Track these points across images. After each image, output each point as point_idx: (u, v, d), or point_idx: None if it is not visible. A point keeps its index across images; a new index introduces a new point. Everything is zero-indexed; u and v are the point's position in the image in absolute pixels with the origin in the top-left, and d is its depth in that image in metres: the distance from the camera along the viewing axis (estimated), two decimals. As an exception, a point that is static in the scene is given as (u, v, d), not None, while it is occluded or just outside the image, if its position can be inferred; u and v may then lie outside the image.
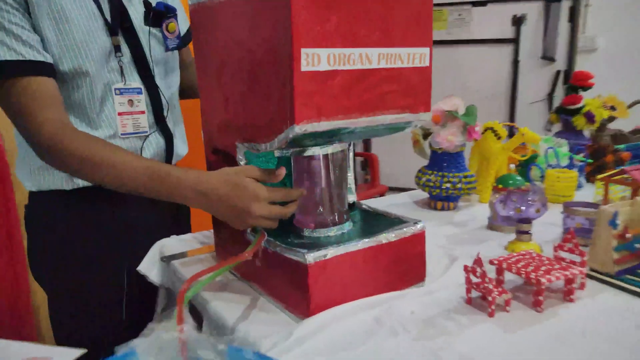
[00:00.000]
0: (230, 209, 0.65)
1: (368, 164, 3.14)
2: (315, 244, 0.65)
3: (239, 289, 0.72)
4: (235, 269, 0.76)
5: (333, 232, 0.70)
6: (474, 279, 0.65)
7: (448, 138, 1.04)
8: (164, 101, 0.93)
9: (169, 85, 0.94)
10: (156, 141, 0.91)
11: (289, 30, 0.52)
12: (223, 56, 0.68)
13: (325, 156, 0.69)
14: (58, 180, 0.83)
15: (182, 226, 1.00)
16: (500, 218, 0.95)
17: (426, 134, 1.10)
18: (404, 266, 0.69)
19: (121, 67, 0.84)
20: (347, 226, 0.72)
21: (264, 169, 0.67)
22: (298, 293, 0.61)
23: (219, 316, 0.65)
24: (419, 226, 0.70)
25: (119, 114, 0.85)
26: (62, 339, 0.90)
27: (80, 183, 0.83)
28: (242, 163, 0.68)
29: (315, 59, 0.54)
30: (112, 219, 0.89)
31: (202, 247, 0.86)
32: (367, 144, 3.22)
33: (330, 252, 0.61)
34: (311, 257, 0.59)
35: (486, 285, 0.63)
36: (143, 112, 0.89)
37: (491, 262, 0.69)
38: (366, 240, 0.65)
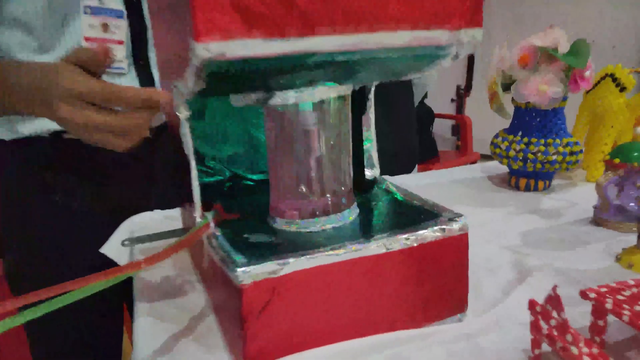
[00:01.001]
0: (37, 104, 0.47)
1: (459, 128, 2.76)
2: (281, 246, 0.41)
3: (192, 298, 0.50)
4: (196, 267, 0.55)
5: (320, 225, 0.45)
6: (545, 326, 0.37)
7: (539, 88, 0.72)
8: (150, 34, 0.72)
9: None
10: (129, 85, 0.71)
11: None
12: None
13: (305, 105, 0.43)
14: None
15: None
16: (613, 209, 0.62)
17: (508, 84, 0.78)
18: (429, 288, 0.42)
19: None
20: (347, 216, 0.46)
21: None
22: (234, 329, 0.38)
23: (136, 340, 0.44)
24: (458, 225, 0.42)
25: (86, 39, 0.66)
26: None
27: (25, 132, 0.67)
28: (182, 116, 0.45)
29: None
30: (85, 173, 0.72)
31: (177, 229, 0.65)
32: (459, 105, 2.82)
33: (289, 265, 0.37)
34: (247, 274, 0.35)
35: (567, 344, 0.34)
36: (121, 42, 0.69)
37: (584, 295, 0.40)
38: (361, 245, 0.39)
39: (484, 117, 2.87)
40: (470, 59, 2.77)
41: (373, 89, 0.54)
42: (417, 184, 0.86)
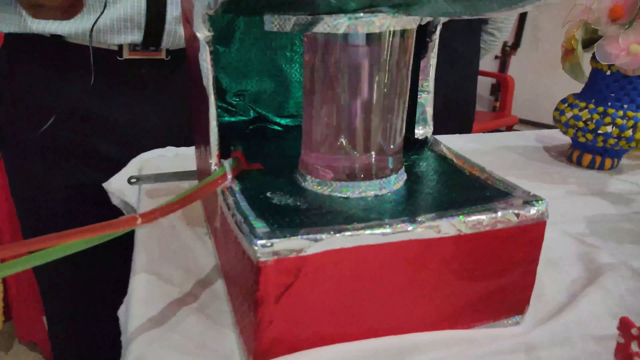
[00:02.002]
0: None
1: (500, 87, 2.58)
2: (311, 214, 0.33)
3: (200, 257, 0.43)
4: (208, 221, 0.47)
5: (359, 191, 0.37)
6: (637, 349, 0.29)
7: (631, 48, 0.60)
8: None
9: None
10: None
11: None
12: None
13: (357, 38, 0.34)
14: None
15: None
16: (703, 204, 0.52)
17: (590, 40, 0.66)
18: (486, 284, 0.34)
19: None
20: (392, 183, 0.38)
21: None
22: (246, 311, 0.31)
23: (130, 301, 0.37)
24: (535, 210, 0.33)
25: None
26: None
27: (34, 29, 0.60)
28: (201, 37, 0.35)
29: None
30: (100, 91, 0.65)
31: (189, 171, 0.58)
32: (502, 63, 2.63)
33: (321, 242, 0.29)
34: (267, 250, 0.28)
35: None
36: None
37: (689, 317, 0.31)
38: (412, 225, 0.31)
39: (527, 78, 2.68)
40: (522, 13, 2.54)
41: (439, 27, 0.44)
42: (462, 147, 0.75)
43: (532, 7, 0.35)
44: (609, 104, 0.65)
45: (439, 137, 0.73)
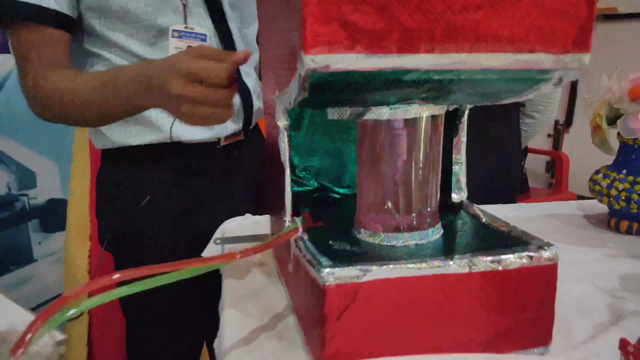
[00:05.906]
0: (150, 89, 0.52)
1: (554, 165, 2.60)
2: (364, 255, 0.43)
3: (274, 299, 0.53)
4: (281, 271, 0.57)
5: (403, 240, 0.46)
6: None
7: (650, 123, 0.67)
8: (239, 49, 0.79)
9: (244, 35, 0.80)
10: None
11: None
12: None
13: (397, 123, 0.45)
14: (119, 135, 0.75)
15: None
16: None
17: (614, 117, 0.74)
18: (510, 316, 0.41)
19: (184, 5, 0.71)
20: (430, 235, 0.47)
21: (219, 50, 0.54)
22: (314, 328, 0.40)
23: (222, 331, 0.47)
24: (547, 254, 0.41)
25: None
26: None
27: (142, 140, 0.75)
28: (281, 125, 0.48)
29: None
30: (188, 185, 0.79)
31: (264, 234, 0.69)
32: (556, 141, 2.66)
33: (372, 272, 0.38)
34: (331, 276, 0.37)
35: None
36: None
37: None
38: (444, 262, 0.39)
39: (583, 155, 2.68)
40: (572, 92, 2.62)
41: (467, 112, 0.54)
42: (505, 214, 0.82)
43: (536, 94, 0.45)
44: (639, 173, 0.71)
45: (483, 206, 0.81)
